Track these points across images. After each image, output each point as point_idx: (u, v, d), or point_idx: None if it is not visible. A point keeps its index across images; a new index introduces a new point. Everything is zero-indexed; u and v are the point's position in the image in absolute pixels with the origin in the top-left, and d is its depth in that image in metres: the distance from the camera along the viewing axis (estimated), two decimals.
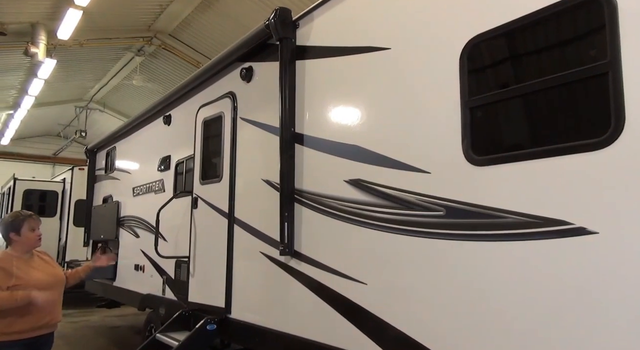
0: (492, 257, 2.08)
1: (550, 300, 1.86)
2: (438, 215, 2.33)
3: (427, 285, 2.37)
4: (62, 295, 3.43)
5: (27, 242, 3.27)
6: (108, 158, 8.01)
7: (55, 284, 3.33)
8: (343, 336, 2.81)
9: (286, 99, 3.53)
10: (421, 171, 2.46)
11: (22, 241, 3.25)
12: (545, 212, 1.90)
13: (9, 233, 3.25)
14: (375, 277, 2.67)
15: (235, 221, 4.14)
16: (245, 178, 4.11)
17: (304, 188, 3.36)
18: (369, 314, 2.66)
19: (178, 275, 5.05)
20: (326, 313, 2.97)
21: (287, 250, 3.34)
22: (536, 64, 2.12)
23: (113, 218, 7.10)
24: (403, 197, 2.53)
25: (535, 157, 1.98)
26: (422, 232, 2.40)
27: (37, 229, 3.32)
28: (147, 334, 5.59)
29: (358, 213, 2.84)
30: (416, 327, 2.39)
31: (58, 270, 3.48)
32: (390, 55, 2.79)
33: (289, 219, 3.38)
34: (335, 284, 2.95)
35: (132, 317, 9.44)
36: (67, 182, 11.73)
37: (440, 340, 2.27)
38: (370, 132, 2.85)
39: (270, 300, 3.58)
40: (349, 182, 2.94)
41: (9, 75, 13.78)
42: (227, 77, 4.55)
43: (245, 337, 3.89)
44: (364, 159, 2.86)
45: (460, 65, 2.32)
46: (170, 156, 5.71)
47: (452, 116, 2.32)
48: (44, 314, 3.16)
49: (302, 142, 3.44)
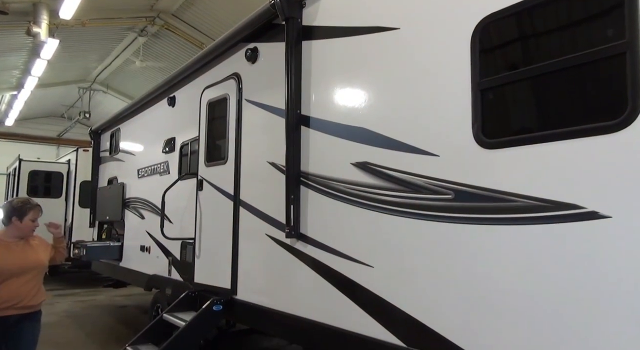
0: (501, 241, 2.06)
1: (560, 285, 1.85)
2: (446, 198, 2.31)
3: (434, 269, 2.37)
4: (38, 279, 3.47)
5: (24, 229, 3.41)
6: (112, 139, 8.00)
7: (31, 269, 3.38)
8: (349, 318, 2.83)
9: (292, 81, 3.48)
10: (430, 154, 2.43)
11: (20, 227, 3.39)
12: (557, 196, 1.88)
13: (12, 216, 3.38)
14: (382, 260, 2.67)
15: (240, 203, 4.14)
16: (251, 160, 4.09)
17: (310, 171, 3.34)
18: (375, 296, 2.67)
19: (184, 257, 5.09)
20: (332, 295, 2.99)
21: (293, 232, 3.34)
22: (550, 45, 2.06)
23: (118, 199, 7.12)
24: (411, 181, 2.51)
25: (547, 140, 1.95)
26: (430, 216, 2.38)
27: (36, 219, 3.47)
28: (153, 314, 5.67)
29: (365, 196, 2.82)
30: (423, 310, 2.39)
31: (40, 255, 3.51)
32: (399, 35, 2.74)
33: (295, 201, 3.38)
34: (341, 267, 2.95)
35: (138, 296, 9.57)
36: (72, 163, 11.76)
37: (447, 323, 2.28)
38: (378, 114, 2.82)
39: (275, 281, 3.60)
40: (355, 165, 2.92)
41: (11, 55, 13.68)
42: (232, 58, 4.49)
43: (251, 318, 3.93)
44: (371, 141, 2.83)
45: (471, 46, 2.27)
46: (175, 138, 5.69)
47: (463, 98, 2.28)
48: (10, 297, 3.25)
49: (308, 124, 3.40)
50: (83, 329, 6.92)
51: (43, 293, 3.51)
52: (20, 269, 3.31)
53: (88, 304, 8.98)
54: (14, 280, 3.28)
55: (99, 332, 6.85)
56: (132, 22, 12.76)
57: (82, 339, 6.41)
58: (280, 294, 3.52)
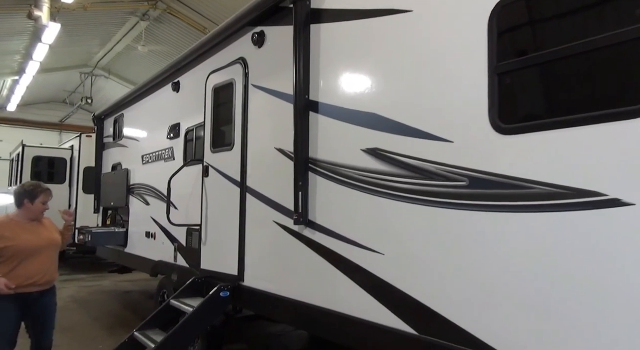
0: (518, 229, 2.03)
1: (579, 274, 1.82)
2: (461, 185, 2.27)
3: (447, 256, 2.34)
4: (54, 256, 3.77)
5: (34, 211, 3.66)
6: (116, 125, 7.95)
7: (47, 246, 3.65)
8: (358, 305, 2.81)
9: (300, 65, 3.42)
10: (443, 140, 2.38)
11: (31, 209, 3.64)
12: (577, 183, 1.83)
13: (24, 198, 3.63)
14: (393, 247, 2.64)
15: (247, 190, 4.10)
16: (258, 146, 4.05)
17: (318, 157, 3.30)
18: (385, 283, 2.65)
19: (189, 243, 5.08)
20: (340, 281, 2.97)
21: (301, 219, 3.31)
22: (572, 26, 2.00)
23: (123, 185, 7.11)
24: (423, 167, 2.47)
25: (567, 125, 1.90)
26: (444, 203, 2.34)
27: (46, 202, 3.72)
28: (159, 299, 5.69)
29: (376, 182, 2.78)
30: (435, 298, 2.37)
31: (54, 233, 3.81)
32: (412, 17, 2.66)
33: (303, 188, 3.34)
34: (350, 254, 2.93)
35: (143, 282, 9.63)
36: (75, 149, 11.73)
37: (460, 311, 2.26)
38: (389, 99, 2.76)
39: (283, 268, 3.59)
40: (365, 151, 2.88)
41: (13, 39, 13.56)
42: (238, 43, 4.41)
43: (258, 304, 3.93)
44: (381, 127, 2.78)
45: (488, 28, 2.20)
46: (180, 124, 5.63)
47: (479, 82, 2.22)
48: (32, 274, 3.52)
49: (316, 109, 3.35)
50: (89, 314, 6.97)
51: (57, 270, 3.79)
52: (37, 247, 3.55)
53: (93, 289, 9.04)
54: (33, 258, 3.52)
55: (105, 317, 6.90)
56: (134, 5, 12.60)
57: (88, 324, 6.46)
58: (288, 281, 3.51)
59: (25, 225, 3.61)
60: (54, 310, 3.80)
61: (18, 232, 3.52)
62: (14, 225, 3.57)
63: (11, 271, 3.44)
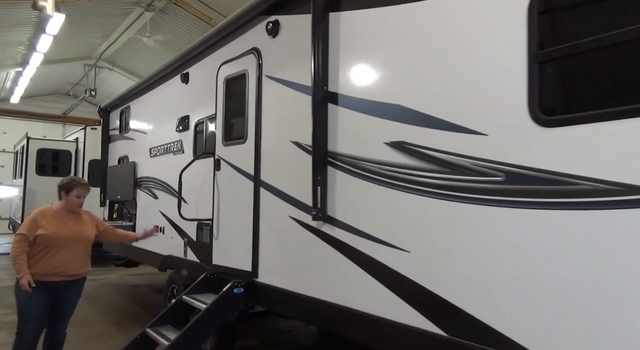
0: (561, 228, 1.91)
1: (632, 276, 1.71)
2: (496, 180, 2.16)
3: (479, 255, 2.23)
4: (83, 250, 3.88)
5: (69, 204, 3.85)
6: (122, 118, 7.83)
7: (74, 239, 3.77)
8: (382, 304, 2.71)
9: (319, 55, 3.29)
10: (476, 133, 2.26)
11: (66, 201, 3.84)
12: (630, 179, 1.72)
13: (61, 191, 3.87)
14: (420, 244, 2.54)
15: (261, 184, 4.00)
16: (272, 140, 3.94)
17: (338, 150, 3.18)
18: (412, 282, 2.54)
19: (200, 238, 4.99)
20: (362, 280, 2.87)
21: (320, 215, 3.21)
22: (622, 10, 1.87)
23: (130, 179, 7.01)
24: (454, 161, 2.35)
25: (617, 117, 1.78)
26: (477, 199, 2.23)
27: (82, 196, 3.90)
28: (169, 294, 5.62)
29: (401, 177, 2.67)
30: (468, 299, 2.26)
31: (88, 230, 3.94)
32: (441, 2, 2.53)
33: (322, 182, 3.23)
34: (373, 251, 2.82)
35: (150, 276, 9.57)
36: (80, 141, 11.63)
37: (495, 314, 2.15)
38: (416, 90, 2.64)
39: (300, 265, 3.49)
40: (390, 145, 2.76)
41: (17, 30, 13.38)
42: (251, 32, 4.29)
43: (273, 301, 3.84)
44: (408, 119, 2.66)
45: (528, 11, 2.07)
46: (189, 116, 5.52)
47: (517, 72, 2.10)
48: (59, 264, 3.67)
49: (336, 101, 3.23)
50: (97, 308, 6.91)
51: (88, 264, 3.96)
52: (64, 238, 3.71)
53: (100, 283, 8.98)
54: (61, 249, 3.67)
55: (112, 312, 6.84)
56: None
57: (96, 318, 6.40)
58: (306, 278, 3.41)
59: (62, 217, 3.79)
60: (75, 303, 3.94)
61: (52, 222, 3.71)
62: (51, 215, 3.76)
63: (40, 259, 3.62)
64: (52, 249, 3.65)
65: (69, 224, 3.79)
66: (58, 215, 3.79)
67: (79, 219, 3.90)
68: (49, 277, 3.65)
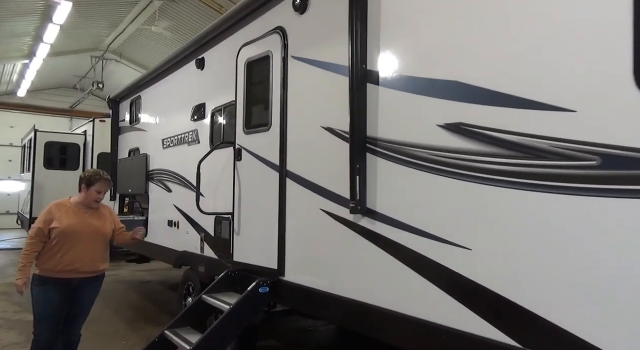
0: None
1: None
2: (587, 165, 1.82)
3: (563, 253, 1.90)
4: (99, 246, 3.68)
5: (88, 198, 3.67)
6: (132, 108, 7.54)
7: (89, 235, 3.58)
8: (437, 309, 2.39)
9: (357, 31, 2.96)
10: (561, 109, 1.92)
11: (85, 195, 3.67)
12: None
13: (82, 183, 3.69)
14: (486, 241, 2.21)
15: (287, 174, 3.68)
16: (300, 126, 3.61)
17: (379, 136, 2.85)
18: (475, 284, 2.22)
19: (218, 233, 4.69)
20: (410, 280, 2.55)
21: (359, 207, 2.88)
22: None
23: (141, 171, 6.72)
24: (531, 144, 2.01)
25: None
26: (562, 187, 1.90)
27: (102, 192, 3.72)
28: (184, 292, 5.33)
29: (459, 164, 2.34)
30: (547, 305, 1.93)
31: (106, 225, 3.74)
32: None
33: (361, 171, 2.91)
34: (424, 248, 2.50)
35: (162, 272, 9.33)
36: (88, 134, 11.37)
37: (582, 321, 1.82)
38: (480, 63, 2.29)
39: (335, 263, 3.17)
40: (444, 127, 2.43)
41: (23, 19, 13.08)
42: (275, 10, 3.95)
43: (302, 301, 3.53)
44: (467, 97, 2.33)
45: None
46: (205, 104, 5.20)
47: (618, 29, 1.74)
48: (73, 260, 3.49)
49: (376, 81, 2.90)
50: (109, 305, 6.65)
51: (106, 261, 3.76)
52: (78, 233, 3.52)
53: (111, 279, 8.71)
54: (75, 244, 3.49)
55: (125, 309, 6.59)
56: None
57: (108, 316, 6.14)
58: (342, 277, 3.09)
59: (79, 210, 3.63)
60: (90, 303, 3.73)
61: (67, 215, 3.55)
62: (66, 208, 3.60)
63: (54, 255, 3.47)
64: (65, 243, 3.47)
65: (85, 217, 3.62)
66: (75, 209, 3.62)
67: (97, 213, 3.72)
68: (62, 273, 3.48)
